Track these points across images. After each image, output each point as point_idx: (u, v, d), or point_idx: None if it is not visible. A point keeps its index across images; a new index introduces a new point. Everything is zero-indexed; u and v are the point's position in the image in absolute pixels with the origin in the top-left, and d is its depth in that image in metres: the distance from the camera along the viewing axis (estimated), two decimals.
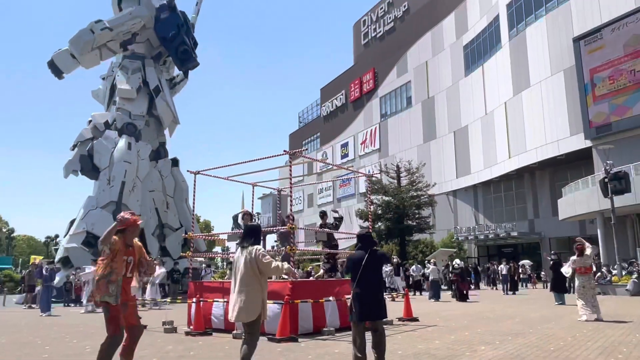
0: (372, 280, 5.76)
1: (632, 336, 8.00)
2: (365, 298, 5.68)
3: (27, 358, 6.84)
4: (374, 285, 5.75)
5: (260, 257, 5.18)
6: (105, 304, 4.97)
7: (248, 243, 5.40)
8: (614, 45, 29.94)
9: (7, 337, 9.30)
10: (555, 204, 35.32)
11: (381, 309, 5.67)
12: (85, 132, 27.13)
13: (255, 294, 5.18)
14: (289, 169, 10.05)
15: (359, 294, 5.72)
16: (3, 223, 76.88)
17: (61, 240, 27.77)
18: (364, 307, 5.66)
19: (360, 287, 5.72)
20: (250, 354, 5.13)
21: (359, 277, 5.73)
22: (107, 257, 5.02)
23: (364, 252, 5.82)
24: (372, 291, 5.70)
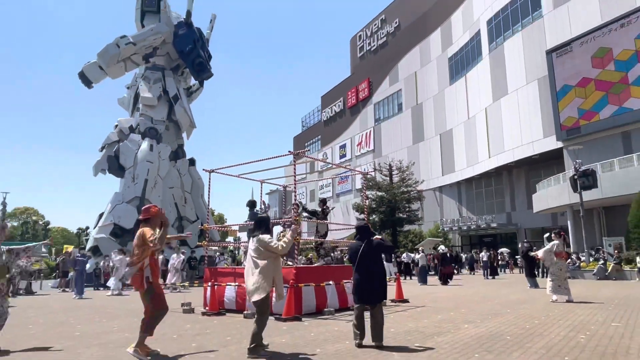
0: (370, 267, 5.74)
1: (598, 316, 7.99)
2: (363, 284, 5.69)
3: (62, 335, 6.85)
4: (371, 272, 5.71)
5: (267, 244, 5.26)
6: (151, 285, 5.16)
7: (259, 232, 5.44)
8: (582, 57, 29.85)
9: (44, 318, 9.32)
10: (530, 198, 35.28)
11: (378, 294, 5.65)
12: (112, 136, 27.12)
13: (264, 277, 5.18)
14: (293, 168, 10.04)
15: (357, 279, 5.74)
16: (40, 216, 77.03)
17: (91, 231, 27.76)
18: (362, 292, 5.69)
19: (358, 274, 5.74)
20: (260, 331, 5.15)
21: (357, 264, 5.75)
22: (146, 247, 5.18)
23: (361, 242, 5.83)
24: (369, 277, 5.68)
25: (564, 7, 32.03)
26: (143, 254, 5.17)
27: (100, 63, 25.80)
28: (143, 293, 5.22)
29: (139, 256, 5.16)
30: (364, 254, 5.74)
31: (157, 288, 5.24)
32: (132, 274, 5.18)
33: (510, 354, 4.95)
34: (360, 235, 6.00)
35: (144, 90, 27.18)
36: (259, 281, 5.15)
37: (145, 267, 5.18)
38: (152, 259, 5.28)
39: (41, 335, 6.97)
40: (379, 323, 5.56)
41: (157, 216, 5.36)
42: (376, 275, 5.73)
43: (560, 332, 6.30)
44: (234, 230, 29.44)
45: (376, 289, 5.65)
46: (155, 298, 5.17)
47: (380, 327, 5.56)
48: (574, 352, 5.01)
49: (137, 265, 5.15)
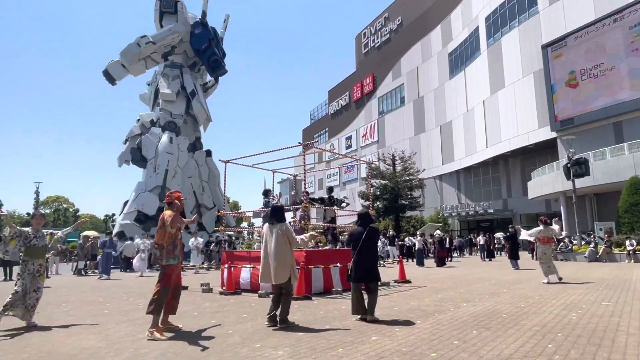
0: (370, 251, 5.95)
1: (589, 295, 7.96)
2: (362, 264, 5.88)
3: (92, 313, 6.97)
4: (370, 255, 5.95)
5: (289, 232, 5.55)
6: (165, 266, 5.26)
7: (275, 220, 5.64)
8: (576, 51, 29.31)
9: (76, 297, 9.48)
10: (525, 185, 34.99)
11: (373, 274, 5.90)
12: (135, 129, 27.27)
13: (286, 261, 5.47)
14: (303, 158, 10.02)
15: (358, 261, 5.90)
16: (70, 204, 78.01)
17: (117, 217, 28.09)
18: (360, 272, 5.88)
19: (359, 256, 5.89)
20: (288, 307, 5.49)
21: (360, 248, 5.89)
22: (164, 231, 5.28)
23: (363, 228, 5.98)
24: (368, 259, 5.91)
25: (559, 4, 31.39)
26: (164, 237, 5.28)
27: (122, 61, 25.84)
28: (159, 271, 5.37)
29: (161, 238, 5.28)
30: (366, 239, 5.90)
31: (169, 268, 5.28)
32: (155, 254, 5.32)
33: (506, 330, 4.96)
34: (362, 221, 6.12)
35: (163, 87, 27.22)
36: (282, 265, 5.43)
37: (169, 248, 5.27)
38: (170, 241, 5.35)
39: (74, 312, 7.10)
40: (372, 300, 5.80)
41: (177, 199, 5.51)
42: (374, 258, 6.00)
43: (553, 311, 6.28)
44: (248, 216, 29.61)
45: (372, 270, 5.91)
46: (164, 278, 5.22)
47: (372, 304, 5.78)
48: (567, 329, 5.00)
49: (163, 246, 5.28)
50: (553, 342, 4.38)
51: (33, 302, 5.84)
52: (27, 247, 5.97)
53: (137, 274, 16.33)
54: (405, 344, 4.37)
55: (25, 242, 5.98)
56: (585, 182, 24.11)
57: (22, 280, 5.84)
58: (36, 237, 6.04)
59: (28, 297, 5.80)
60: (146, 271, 16.54)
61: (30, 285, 5.85)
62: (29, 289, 5.83)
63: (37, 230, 6.10)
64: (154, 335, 4.90)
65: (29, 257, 5.95)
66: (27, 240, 5.98)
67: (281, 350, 4.20)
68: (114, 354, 4.19)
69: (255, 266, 9.47)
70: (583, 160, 22.40)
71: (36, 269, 5.97)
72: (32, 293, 5.84)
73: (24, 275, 5.87)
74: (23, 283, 5.82)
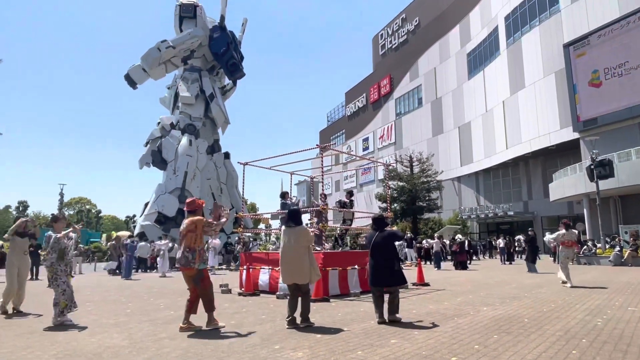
0: (383, 254, 5.89)
1: (615, 300, 7.73)
2: (376, 268, 5.87)
3: (115, 312, 7.12)
4: (384, 259, 5.87)
5: (308, 233, 5.72)
6: (200, 271, 5.45)
7: (294, 223, 5.75)
8: (600, 50, 28.58)
9: (99, 296, 9.69)
10: (546, 187, 34.25)
11: (391, 277, 5.82)
12: (155, 132, 27.74)
13: (304, 261, 5.57)
14: (320, 160, 10.04)
15: (371, 265, 5.94)
16: (92, 205, 79.87)
17: (138, 218, 28.61)
18: (375, 275, 5.88)
19: (372, 259, 5.93)
20: (308, 306, 5.58)
21: (371, 251, 5.93)
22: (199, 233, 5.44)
23: (375, 232, 6.03)
24: (382, 263, 5.86)
25: (582, 1, 30.69)
26: (197, 239, 5.41)
27: (143, 65, 26.35)
28: (192, 275, 5.43)
29: (195, 241, 5.40)
30: (377, 242, 5.92)
31: (205, 271, 5.53)
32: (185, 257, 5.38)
33: (528, 335, 4.86)
34: (376, 225, 6.16)
35: (183, 90, 27.64)
36: (300, 266, 5.54)
37: (201, 252, 5.45)
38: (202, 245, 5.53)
39: (97, 311, 7.27)
40: (393, 304, 5.80)
41: (201, 208, 5.69)
42: (387, 262, 5.90)
43: (577, 316, 6.13)
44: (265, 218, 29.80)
45: (390, 272, 5.85)
46: (205, 280, 5.45)
47: (395, 307, 5.79)
48: (591, 335, 4.87)
49: (195, 250, 5.38)
50: (577, 348, 4.28)
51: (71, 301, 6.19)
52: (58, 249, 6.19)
53: (159, 274, 16.64)
54: (425, 348, 4.33)
55: (55, 246, 6.21)
56: (609, 183, 23.47)
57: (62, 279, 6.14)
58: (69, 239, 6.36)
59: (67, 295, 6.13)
60: (167, 270, 16.81)
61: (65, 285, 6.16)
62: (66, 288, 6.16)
63: (67, 235, 6.36)
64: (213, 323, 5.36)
65: (61, 259, 6.22)
66: (59, 245, 6.22)
67: (300, 352, 4.21)
68: (137, 353, 4.27)
69: (274, 268, 9.52)
70: (607, 161, 21.81)
71: (62, 269, 6.23)
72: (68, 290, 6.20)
73: (60, 274, 6.16)
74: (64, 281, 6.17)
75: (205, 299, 5.39)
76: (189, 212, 5.62)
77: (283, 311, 6.95)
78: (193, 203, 5.67)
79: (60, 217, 6.53)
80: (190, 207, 5.63)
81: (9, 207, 69.51)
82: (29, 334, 5.36)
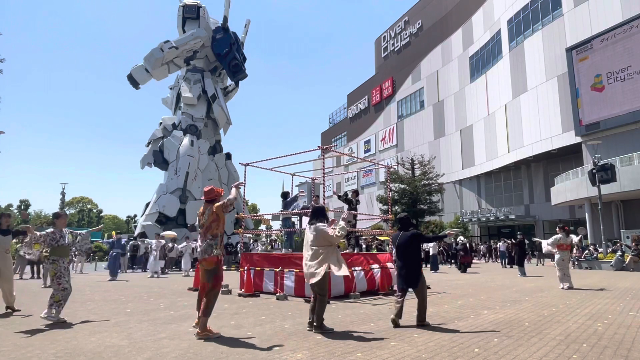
0: (409, 255, 5.89)
1: (616, 305, 7.71)
2: (403, 270, 5.88)
3: (115, 312, 7.12)
4: (410, 260, 5.87)
5: (324, 232, 5.40)
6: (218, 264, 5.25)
7: (316, 221, 5.56)
8: (602, 54, 28.56)
9: (99, 295, 9.70)
10: (548, 191, 34.18)
11: (416, 279, 5.80)
12: (157, 132, 27.78)
13: (320, 262, 5.35)
14: (321, 162, 10.04)
15: (399, 266, 5.96)
16: (94, 205, 79.95)
17: (139, 218, 28.62)
18: (402, 277, 5.89)
19: (399, 261, 5.94)
20: (322, 310, 5.36)
21: (397, 252, 5.96)
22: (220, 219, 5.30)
23: (399, 233, 6.04)
24: (407, 264, 5.85)
25: (585, 5, 30.67)
26: (220, 226, 5.28)
27: (146, 66, 26.39)
28: (209, 269, 5.21)
29: (218, 227, 5.27)
30: (403, 243, 5.91)
31: (221, 265, 5.33)
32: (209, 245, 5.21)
33: (529, 339, 4.85)
34: (401, 225, 6.14)
35: (185, 91, 27.67)
36: (315, 266, 5.33)
37: (222, 237, 5.31)
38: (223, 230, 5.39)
39: (97, 310, 7.27)
40: (419, 304, 5.78)
41: (220, 197, 5.55)
42: (411, 263, 5.87)
43: (577, 320, 6.11)
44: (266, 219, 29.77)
45: (413, 275, 5.82)
46: (217, 278, 5.26)
47: (420, 308, 5.77)
48: (592, 339, 4.86)
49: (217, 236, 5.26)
50: (578, 352, 4.26)
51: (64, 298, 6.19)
52: (54, 247, 6.15)
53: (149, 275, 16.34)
54: (424, 351, 4.32)
55: (52, 243, 6.16)
56: (611, 188, 23.42)
57: (65, 278, 6.14)
58: (62, 237, 6.25)
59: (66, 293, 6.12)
60: (159, 272, 16.43)
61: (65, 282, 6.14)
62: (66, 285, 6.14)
63: (60, 230, 6.29)
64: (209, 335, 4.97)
65: (58, 256, 6.17)
66: (54, 241, 6.17)
67: (300, 354, 4.20)
68: (136, 353, 4.27)
69: (274, 269, 9.52)
70: (609, 165, 21.77)
71: (64, 267, 6.20)
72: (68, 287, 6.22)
73: (64, 273, 6.16)
74: (67, 280, 6.17)
75: (207, 299, 5.17)
76: (207, 202, 5.45)
77: (283, 312, 6.95)
78: (212, 192, 5.48)
79: (62, 214, 6.47)
80: (209, 197, 5.44)
81: (10, 205, 69.61)
82: (30, 332, 5.36)
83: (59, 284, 6.08)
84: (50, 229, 6.30)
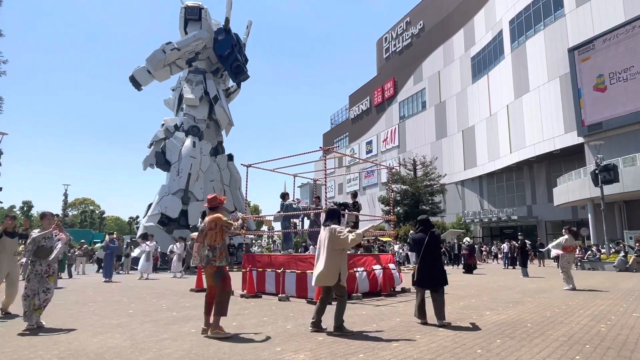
0: (432, 256, 6.01)
1: (619, 306, 7.68)
2: (426, 271, 5.99)
3: (117, 313, 7.13)
4: (434, 260, 6.01)
5: (336, 233, 5.37)
6: (222, 267, 5.29)
7: (331, 223, 5.57)
8: (605, 54, 28.50)
9: (102, 296, 9.72)
10: (550, 192, 34.11)
11: (438, 279, 5.96)
12: (159, 133, 27.77)
13: (334, 264, 5.35)
14: (323, 162, 10.05)
15: (422, 267, 6.03)
16: (96, 206, 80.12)
17: (141, 220, 28.63)
18: (425, 278, 6.00)
19: (423, 262, 6.02)
20: (341, 311, 5.34)
21: (422, 254, 6.01)
22: (219, 231, 5.33)
23: (424, 234, 6.10)
24: (436, 264, 6.02)
25: (587, 6, 30.62)
26: (217, 237, 5.30)
27: (148, 67, 26.42)
28: (212, 273, 5.29)
29: (216, 239, 5.29)
30: (428, 244, 5.99)
31: (226, 269, 5.35)
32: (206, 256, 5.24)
33: (532, 340, 4.84)
34: (424, 227, 6.23)
35: (187, 92, 27.69)
36: (328, 268, 5.31)
37: (222, 249, 5.31)
38: (221, 242, 5.39)
39: (100, 311, 7.28)
40: (439, 304, 5.85)
41: (222, 204, 5.57)
42: (437, 263, 6.03)
43: (580, 321, 6.09)
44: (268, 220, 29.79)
45: (437, 276, 5.97)
46: (225, 280, 5.27)
47: (440, 308, 5.85)
48: (595, 340, 4.84)
49: (216, 248, 5.27)
50: (581, 353, 4.25)
51: (40, 303, 5.75)
52: (35, 248, 5.89)
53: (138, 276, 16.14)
54: (427, 352, 4.32)
55: (34, 244, 5.91)
56: (614, 188, 23.35)
57: (29, 283, 5.76)
58: (45, 238, 5.96)
59: (37, 298, 5.71)
60: (151, 273, 16.23)
61: (38, 285, 5.77)
62: (37, 289, 5.76)
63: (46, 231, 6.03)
64: (219, 333, 5.03)
65: (36, 257, 5.86)
66: (36, 242, 5.92)
67: (302, 354, 4.20)
68: (139, 354, 4.27)
69: (276, 270, 9.52)
70: (612, 166, 21.71)
71: (44, 270, 5.87)
72: (42, 294, 5.77)
73: (31, 277, 5.79)
74: (31, 284, 5.75)
75: (219, 299, 5.15)
76: (210, 209, 5.50)
77: (285, 313, 6.95)
78: (215, 199, 5.53)
79: (47, 214, 6.23)
80: (212, 204, 5.51)
81: (13, 207, 69.86)
82: (32, 334, 5.38)
83: (25, 287, 5.76)
84: (35, 230, 6.11)
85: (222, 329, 5.13)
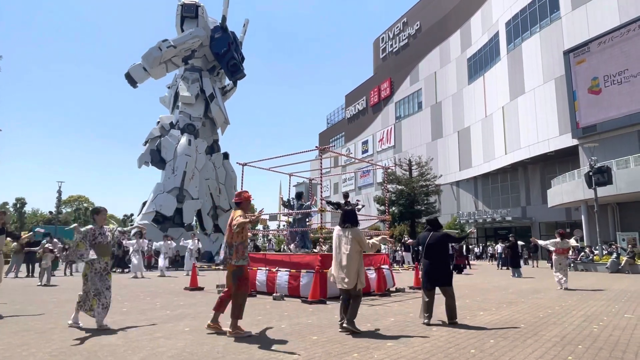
0: (438, 254, 6.07)
1: (611, 307, 7.75)
2: (431, 270, 6.05)
3: (111, 311, 7.08)
4: (439, 259, 6.07)
5: (361, 237, 5.43)
6: (240, 267, 5.18)
7: (349, 224, 5.54)
8: (600, 57, 28.70)
9: None
10: (544, 193, 34.33)
11: (444, 277, 6.03)
12: (155, 131, 27.65)
13: (354, 266, 5.36)
14: (319, 162, 10.05)
15: (426, 266, 6.12)
16: (91, 203, 79.53)
17: (135, 218, 28.50)
18: (428, 276, 6.07)
19: (425, 260, 6.10)
20: (356, 310, 5.34)
21: (425, 252, 6.11)
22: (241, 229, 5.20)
23: (428, 233, 6.20)
24: (440, 264, 6.06)
25: (582, 9, 30.82)
26: (234, 235, 5.18)
27: (144, 64, 26.29)
28: (230, 272, 5.20)
29: (232, 237, 5.19)
30: (430, 244, 6.03)
31: (245, 269, 5.22)
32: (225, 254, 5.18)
33: (525, 340, 4.87)
34: (431, 226, 6.31)
35: (183, 90, 27.59)
36: (350, 270, 5.33)
37: (239, 247, 5.20)
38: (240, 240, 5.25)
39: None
40: (449, 303, 5.94)
41: (247, 201, 5.44)
42: (441, 262, 6.09)
43: (573, 322, 6.14)
44: (263, 219, 29.74)
45: (442, 274, 6.03)
46: (242, 280, 5.19)
47: (450, 307, 5.93)
48: (587, 341, 4.88)
49: (232, 245, 5.19)
50: (573, 354, 4.28)
51: (107, 301, 5.56)
52: (92, 245, 5.60)
53: (158, 273, 16.36)
54: (420, 352, 4.33)
55: (90, 241, 5.61)
56: (607, 190, 23.54)
57: (90, 282, 5.52)
58: (101, 234, 5.71)
59: (103, 296, 5.51)
60: (144, 271, 16.17)
61: (101, 284, 5.55)
62: (100, 287, 5.53)
63: (100, 227, 5.78)
64: (239, 333, 5.02)
65: (95, 255, 5.59)
66: (93, 238, 5.62)
67: (296, 354, 4.20)
68: (132, 352, 4.26)
69: (271, 269, 9.51)
70: (606, 168, 21.89)
71: (103, 267, 5.66)
72: (106, 291, 5.58)
73: (91, 275, 5.55)
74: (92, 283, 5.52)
75: (235, 301, 5.06)
76: (236, 204, 5.42)
77: (279, 312, 6.95)
78: (239, 195, 5.43)
79: (102, 210, 5.91)
80: (236, 199, 5.44)
81: (6, 203, 69.31)
82: (25, 331, 5.34)
83: (84, 285, 5.55)
84: (90, 226, 5.76)
85: (240, 329, 5.10)
